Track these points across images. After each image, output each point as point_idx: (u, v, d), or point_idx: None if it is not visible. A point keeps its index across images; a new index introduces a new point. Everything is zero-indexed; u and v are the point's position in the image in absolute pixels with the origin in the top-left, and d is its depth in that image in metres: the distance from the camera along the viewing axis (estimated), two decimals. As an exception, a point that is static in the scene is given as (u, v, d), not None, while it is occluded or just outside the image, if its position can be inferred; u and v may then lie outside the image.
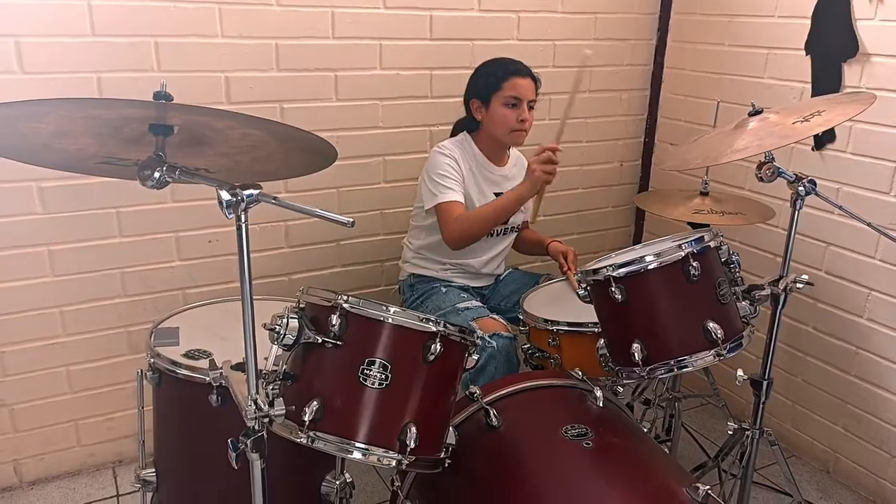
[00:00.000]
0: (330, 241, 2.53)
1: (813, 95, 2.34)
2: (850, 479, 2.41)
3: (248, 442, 1.20)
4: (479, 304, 2.17)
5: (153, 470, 1.71)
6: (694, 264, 1.49)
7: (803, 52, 2.35)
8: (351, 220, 1.10)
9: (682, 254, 1.50)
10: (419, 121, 2.54)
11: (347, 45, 2.35)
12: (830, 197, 2.21)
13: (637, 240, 3.17)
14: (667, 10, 2.86)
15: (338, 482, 1.72)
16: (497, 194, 2.22)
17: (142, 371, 1.67)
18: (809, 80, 2.34)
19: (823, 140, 2.32)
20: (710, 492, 1.28)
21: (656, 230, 3.05)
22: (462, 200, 2.13)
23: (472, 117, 2.19)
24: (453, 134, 2.30)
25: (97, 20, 2.01)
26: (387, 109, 2.48)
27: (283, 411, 1.23)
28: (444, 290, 2.23)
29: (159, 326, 1.76)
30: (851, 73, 2.22)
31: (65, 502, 2.24)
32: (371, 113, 2.46)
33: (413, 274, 2.31)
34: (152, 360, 1.62)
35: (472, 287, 2.31)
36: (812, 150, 2.36)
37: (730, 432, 1.92)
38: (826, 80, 2.28)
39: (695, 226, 2.23)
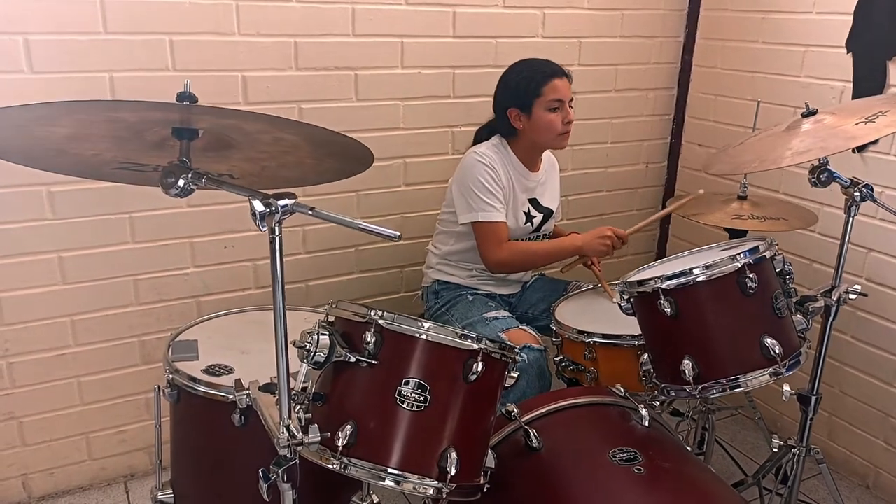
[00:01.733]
0: (348, 247, 2.44)
1: (854, 95, 2.24)
2: (891, 494, 2.31)
3: (280, 471, 1.11)
4: (507, 314, 2.07)
5: (171, 492, 1.62)
6: (751, 276, 1.39)
7: (844, 50, 2.25)
8: (398, 233, 1.01)
9: (738, 265, 1.40)
10: (441, 121, 2.45)
11: (368, 43, 2.26)
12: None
13: (662, 244, 3.07)
14: (695, 7, 2.76)
15: (366, 503, 1.63)
16: (531, 200, 2.13)
17: (159, 387, 1.58)
18: (850, 79, 2.24)
19: (865, 142, 2.22)
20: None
21: (683, 234, 2.95)
22: (506, 220, 2.05)
23: (509, 126, 2.08)
24: (476, 140, 2.20)
25: (110, 17, 1.92)
26: (408, 109, 2.39)
27: (318, 438, 1.14)
28: (470, 298, 2.14)
29: (177, 339, 1.67)
30: (897, 72, 2.12)
31: (75, 519, 2.16)
32: (392, 113, 2.37)
33: (438, 280, 2.22)
34: (171, 375, 1.53)
35: (499, 294, 2.22)
36: (853, 151, 2.26)
37: (774, 449, 1.83)
38: (869, 80, 2.18)
39: (732, 232, 2.14)
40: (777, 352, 1.40)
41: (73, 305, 2.10)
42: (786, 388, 1.69)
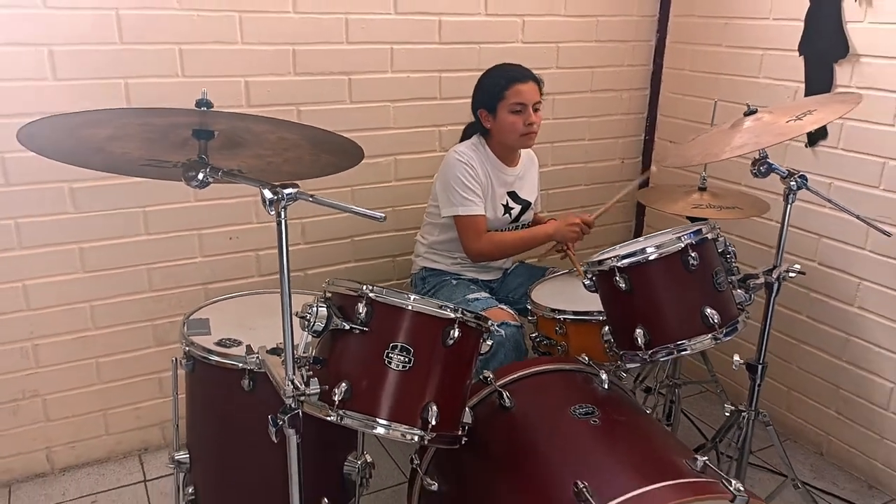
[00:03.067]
0: (344, 238, 2.65)
1: (806, 95, 2.45)
2: (842, 460, 2.52)
3: (286, 418, 1.31)
4: (487, 295, 2.28)
5: (186, 453, 1.82)
6: (692, 254, 1.60)
7: (797, 53, 2.46)
8: (383, 215, 1.21)
9: (682, 245, 1.62)
10: (429, 121, 2.65)
11: (360, 50, 2.46)
12: (822, 191, 2.34)
13: (638, 235, 3.28)
14: (665, 13, 2.97)
15: (359, 462, 1.83)
16: (510, 193, 2.34)
17: (176, 359, 1.78)
18: (803, 79, 2.45)
19: (816, 137, 2.43)
20: (707, 462, 1.39)
21: (656, 225, 3.16)
22: (484, 213, 2.25)
23: (481, 126, 2.29)
24: (464, 136, 2.41)
25: (125, 29, 2.12)
26: (398, 111, 2.59)
27: (318, 391, 1.34)
28: (454, 282, 2.34)
29: (190, 318, 1.87)
30: (842, 73, 2.33)
31: (96, 487, 2.35)
32: (383, 114, 2.57)
33: (425, 267, 2.42)
34: (187, 348, 1.73)
35: (482, 280, 2.42)
36: (805, 146, 2.47)
37: (727, 414, 2.03)
38: (818, 80, 2.39)
39: (693, 220, 2.35)
40: (716, 320, 1.61)
41: (93, 292, 2.30)
42: (736, 357, 1.91)
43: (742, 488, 1.31)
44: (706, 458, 1.39)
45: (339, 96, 2.48)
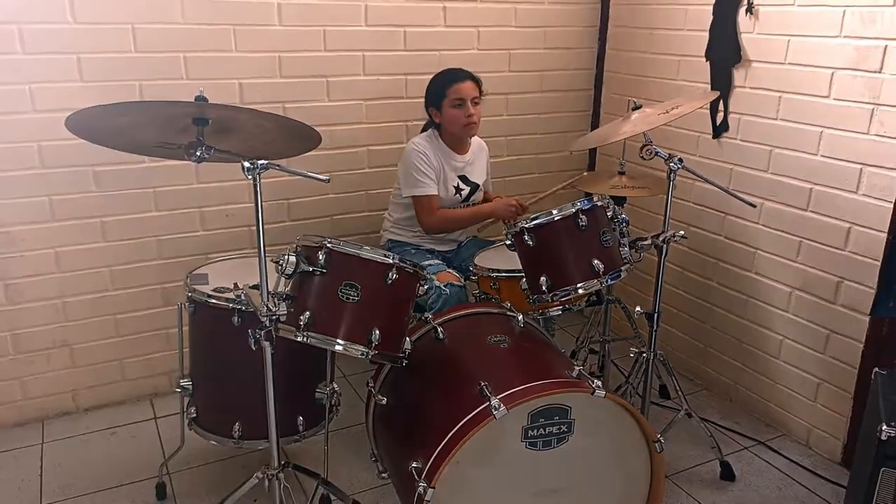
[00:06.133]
0: (325, 216, 3.10)
1: (712, 94, 2.89)
2: (746, 404, 2.96)
3: (262, 333, 1.76)
4: (439, 262, 2.73)
5: (189, 380, 2.27)
6: (582, 217, 2.05)
7: (704, 59, 2.90)
8: (327, 177, 1.66)
9: (574, 210, 2.06)
10: (396, 117, 3.11)
11: (337, 56, 2.91)
12: (725, 176, 2.79)
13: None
14: (605, 24, 3.41)
15: (328, 389, 2.27)
16: (461, 177, 2.79)
17: (181, 304, 2.23)
18: (709, 81, 2.89)
19: (720, 130, 2.87)
20: (582, 371, 1.84)
21: (601, 208, 3.60)
22: (437, 193, 2.69)
23: (433, 121, 2.74)
24: (424, 129, 2.86)
25: (139, 40, 2.58)
26: (370, 108, 3.05)
27: (285, 312, 1.79)
28: (413, 251, 2.80)
29: (192, 273, 2.32)
30: (739, 76, 2.77)
31: (113, 424, 2.81)
32: (357, 111, 3.03)
33: (390, 240, 2.87)
34: (189, 293, 2.18)
35: (438, 250, 2.87)
36: (712, 138, 2.91)
37: (631, 355, 2.48)
38: (720, 82, 2.84)
39: (616, 199, 2.79)
40: (601, 269, 2.05)
41: (112, 259, 2.76)
42: (637, 308, 2.36)
43: (601, 385, 1.75)
44: (581, 367, 1.84)
45: (318, 95, 2.93)
